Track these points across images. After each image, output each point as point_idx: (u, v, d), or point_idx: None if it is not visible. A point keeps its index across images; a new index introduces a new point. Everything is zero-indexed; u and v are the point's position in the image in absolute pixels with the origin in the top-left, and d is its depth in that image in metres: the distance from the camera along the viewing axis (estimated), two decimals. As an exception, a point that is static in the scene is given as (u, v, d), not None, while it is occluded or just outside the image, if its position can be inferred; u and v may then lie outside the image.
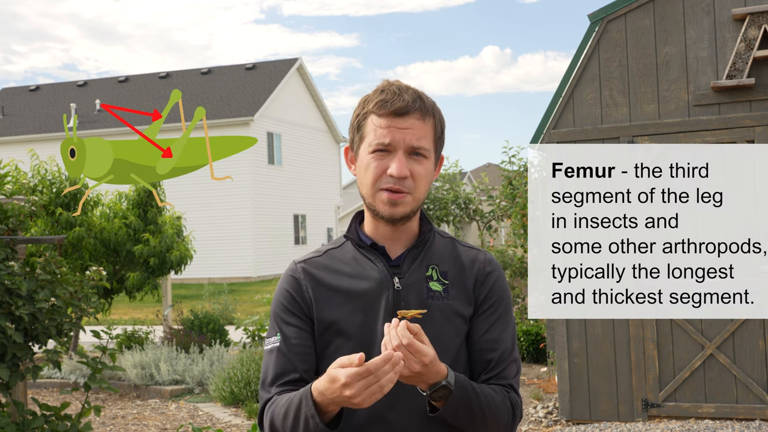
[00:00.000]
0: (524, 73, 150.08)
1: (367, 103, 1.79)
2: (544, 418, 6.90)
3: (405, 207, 1.77)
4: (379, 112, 1.76)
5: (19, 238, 4.57)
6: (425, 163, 1.78)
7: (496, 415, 1.75)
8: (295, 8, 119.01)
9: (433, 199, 14.99)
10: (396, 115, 1.74)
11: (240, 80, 30.53)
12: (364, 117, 1.79)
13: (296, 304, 1.82)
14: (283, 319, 1.82)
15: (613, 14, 6.60)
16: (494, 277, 1.86)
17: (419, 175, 1.77)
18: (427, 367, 1.60)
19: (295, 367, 1.79)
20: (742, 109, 6.31)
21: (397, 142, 1.74)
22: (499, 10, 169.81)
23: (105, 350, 4.64)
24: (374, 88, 1.83)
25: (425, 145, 1.77)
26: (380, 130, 1.75)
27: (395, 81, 1.82)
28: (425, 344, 1.61)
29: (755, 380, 6.23)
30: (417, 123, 1.76)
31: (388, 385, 1.53)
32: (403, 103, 1.74)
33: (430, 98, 1.82)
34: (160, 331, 11.69)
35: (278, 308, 1.85)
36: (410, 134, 1.75)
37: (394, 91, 1.77)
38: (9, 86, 34.49)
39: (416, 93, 1.78)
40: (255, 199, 27.96)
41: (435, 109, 1.81)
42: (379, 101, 1.76)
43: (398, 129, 1.74)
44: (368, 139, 1.78)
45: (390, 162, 1.75)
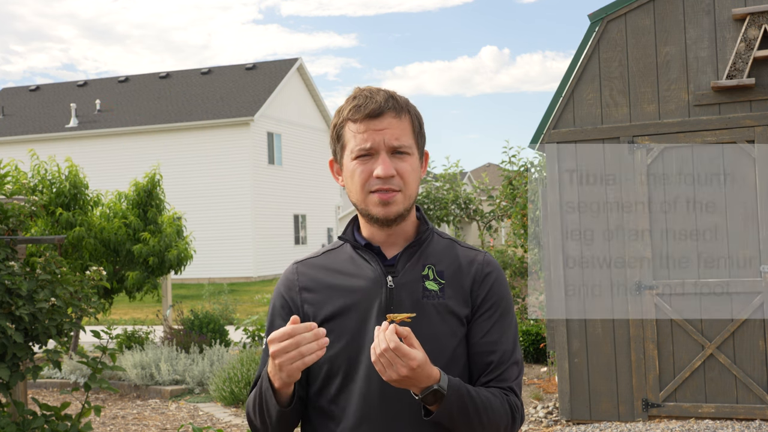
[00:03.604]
0: (523, 73, 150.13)
1: (341, 112, 1.81)
2: (545, 418, 6.90)
3: (397, 205, 1.77)
4: (354, 117, 1.77)
5: (19, 238, 4.57)
6: (409, 159, 1.79)
7: (494, 418, 1.73)
8: (293, 8, 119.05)
9: (433, 199, 14.98)
10: (371, 117, 1.76)
11: (240, 80, 30.52)
12: (342, 126, 1.81)
13: (287, 306, 1.85)
14: (274, 322, 1.87)
15: (613, 14, 6.60)
16: (493, 278, 1.85)
17: (406, 172, 1.77)
18: (415, 371, 1.60)
19: None
20: (742, 109, 6.31)
21: (378, 144, 1.75)
22: (497, 10, 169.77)
23: (105, 350, 4.64)
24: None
25: (405, 142, 1.78)
26: (359, 135, 1.76)
27: (366, 86, 1.84)
28: (415, 348, 1.61)
29: (755, 380, 6.23)
30: (393, 122, 1.77)
31: (310, 355, 1.59)
32: (376, 105, 1.76)
33: (403, 96, 1.84)
34: (160, 331, 11.69)
35: (272, 309, 1.90)
36: (389, 134, 1.76)
37: (366, 95, 1.78)
38: (9, 86, 34.50)
39: (387, 93, 1.80)
40: (255, 199, 27.95)
41: (409, 106, 1.83)
42: (353, 107, 1.78)
43: (376, 131, 1.75)
44: (349, 147, 1.79)
45: (374, 165, 1.76)
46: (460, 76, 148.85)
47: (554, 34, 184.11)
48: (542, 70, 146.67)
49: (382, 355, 1.59)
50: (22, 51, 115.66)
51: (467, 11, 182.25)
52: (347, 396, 1.77)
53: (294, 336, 1.59)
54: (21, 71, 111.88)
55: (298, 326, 1.60)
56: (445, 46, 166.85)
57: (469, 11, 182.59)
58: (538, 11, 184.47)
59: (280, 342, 1.60)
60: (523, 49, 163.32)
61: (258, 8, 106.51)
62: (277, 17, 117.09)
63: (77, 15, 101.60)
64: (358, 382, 1.76)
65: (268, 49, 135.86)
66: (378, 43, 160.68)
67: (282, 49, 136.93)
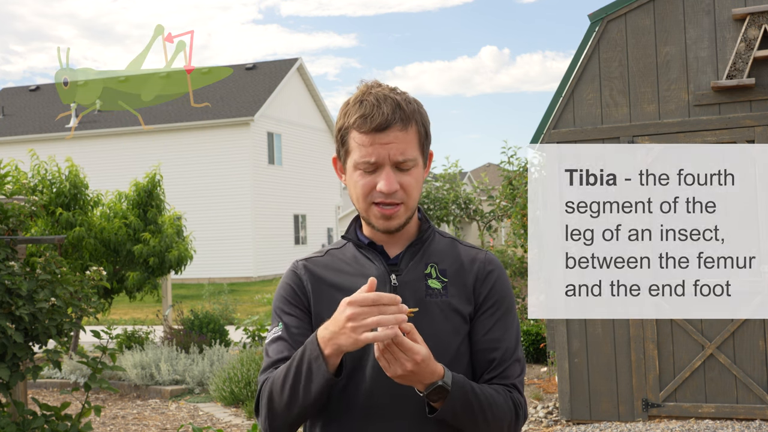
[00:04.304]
0: (523, 73, 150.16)
1: (347, 116, 1.76)
2: (545, 418, 6.90)
3: (399, 219, 1.77)
4: (360, 129, 1.73)
5: (19, 238, 4.57)
6: (414, 172, 1.76)
7: (498, 415, 1.74)
8: (293, 8, 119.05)
9: (433, 199, 14.99)
10: (377, 131, 1.71)
11: (240, 80, 30.51)
12: (347, 131, 1.76)
13: (297, 296, 1.83)
14: (284, 310, 1.83)
15: (613, 14, 6.60)
16: (495, 276, 1.85)
17: (409, 185, 1.75)
18: (419, 365, 1.60)
19: (295, 350, 1.77)
20: (742, 109, 6.31)
21: (383, 159, 1.72)
22: (497, 10, 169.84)
23: (105, 350, 4.64)
24: (354, 93, 1.79)
25: (410, 155, 1.74)
26: (363, 148, 1.73)
27: (374, 85, 1.78)
28: (418, 343, 1.61)
29: (755, 380, 6.23)
30: (399, 135, 1.72)
31: (386, 329, 1.54)
32: (383, 118, 1.70)
33: (411, 101, 1.77)
34: (161, 331, 11.69)
35: (279, 301, 1.86)
36: (394, 148, 1.72)
37: (372, 103, 1.72)
38: (9, 86, 34.49)
39: (395, 102, 1.74)
40: (255, 199, 27.95)
41: (416, 113, 1.76)
42: (359, 117, 1.73)
43: (381, 145, 1.72)
44: (353, 156, 1.76)
45: (377, 178, 1.73)
46: (460, 76, 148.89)
47: (554, 34, 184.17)
48: (542, 70, 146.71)
49: (386, 350, 1.60)
50: (22, 51, 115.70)
51: (467, 11, 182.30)
52: (352, 394, 1.77)
53: (377, 305, 1.55)
54: (21, 71, 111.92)
55: (384, 295, 1.55)
56: (445, 46, 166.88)
57: (468, 11, 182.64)
58: (538, 11, 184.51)
59: (361, 306, 1.55)
60: (523, 49, 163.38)
61: (258, 8, 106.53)
62: (277, 17, 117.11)
63: (77, 15, 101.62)
64: (362, 380, 1.76)
65: (268, 49, 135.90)
66: (378, 43, 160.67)
67: (282, 49, 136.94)
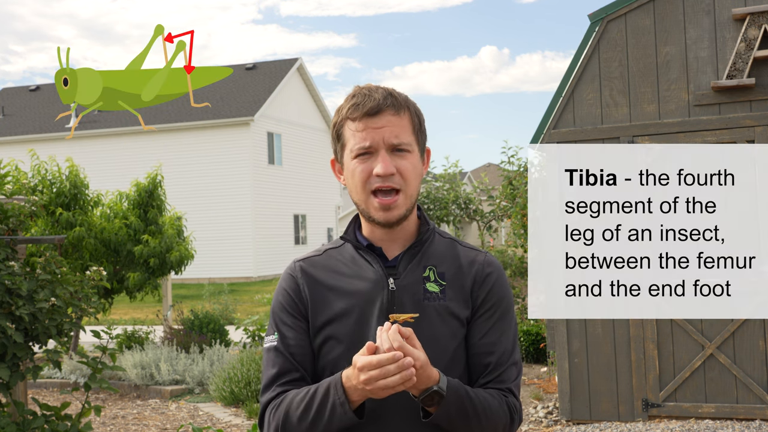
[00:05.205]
0: (522, 73, 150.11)
1: (341, 111, 1.81)
2: (545, 418, 6.90)
3: (399, 209, 1.77)
4: (353, 116, 1.77)
5: (19, 238, 4.57)
6: (409, 157, 1.78)
7: (493, 419, 1.74)
8: (292, 8, 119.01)
9: (433, 199, 14.99)
10: (369, 115, 1.76)
11: (240, 80, 30.51)
12: (341, 125, 1.81)
13: (293, 304, 1.83)
14: (281, 319, 1.84)
15: (613, 14, 6.60)
16: (493, 278, 1.84)
17: (406, 170, 1.77)
18: (418, 371, 1.61)
19: (295, 366, 1.80)
20: (742, 109, 6.31)
21: (377, 142, 1.75)
22: (496, 10, 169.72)
23: (105, 350, 4.64)
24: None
25: (405, 139, 1.77)
26: (358, 133, 1.76)
27: (366, 85, 1.83)
28: (417, 348, 1.62)
29: (755, 380, 6.23)
30: (392, 119, 1.77)
31: (397, 384, 1.58)
32: (375, 103, 1.76)
33: (403, 93, 1.83)
34: (161, 331, 11.69)
35: (277, 307, 1.86)
36: (388, 131, 1.76)
37: (364, 93, 1.78)
38: (9, 86, 34.49)
39: (386, 90, 1.80)
40: (255, 199, 27.95)
41: (408, 102, 1.82)
42: (351, 105, 1.78)
43: (375, 129, 1.75)
44: (349, 146, 1.79)
45: (374, 163, 1.76)
46: (459, 76, 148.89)
47: (554, 34, 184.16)
48: (542, 70, 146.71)
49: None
50: (21, 51, 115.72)
51: (466, 11, 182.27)
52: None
53: (380, 367, 1.59)
54: (21, 71, 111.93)
55: (383, 357, 1.59)
56: (445, 46, 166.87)
57: (468, 11, 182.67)
58: (537, 11, 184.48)
59: (369, 371, 1.60)
60: (523, 49, 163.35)
61: (257, 8, 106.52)
62: (277, 17, 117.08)
63: (77, 15, 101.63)
64: None
65: (267, 49, 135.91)
66: (377, 43, 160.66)
67: (282, 49, 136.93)
